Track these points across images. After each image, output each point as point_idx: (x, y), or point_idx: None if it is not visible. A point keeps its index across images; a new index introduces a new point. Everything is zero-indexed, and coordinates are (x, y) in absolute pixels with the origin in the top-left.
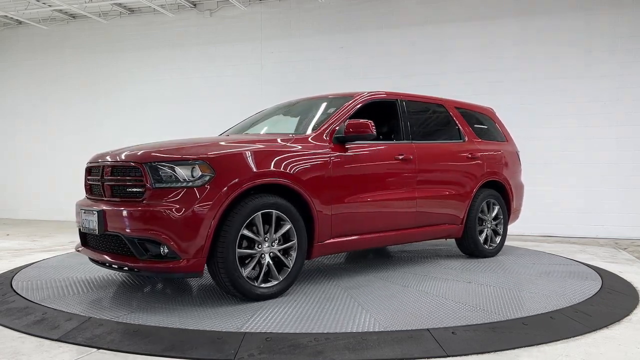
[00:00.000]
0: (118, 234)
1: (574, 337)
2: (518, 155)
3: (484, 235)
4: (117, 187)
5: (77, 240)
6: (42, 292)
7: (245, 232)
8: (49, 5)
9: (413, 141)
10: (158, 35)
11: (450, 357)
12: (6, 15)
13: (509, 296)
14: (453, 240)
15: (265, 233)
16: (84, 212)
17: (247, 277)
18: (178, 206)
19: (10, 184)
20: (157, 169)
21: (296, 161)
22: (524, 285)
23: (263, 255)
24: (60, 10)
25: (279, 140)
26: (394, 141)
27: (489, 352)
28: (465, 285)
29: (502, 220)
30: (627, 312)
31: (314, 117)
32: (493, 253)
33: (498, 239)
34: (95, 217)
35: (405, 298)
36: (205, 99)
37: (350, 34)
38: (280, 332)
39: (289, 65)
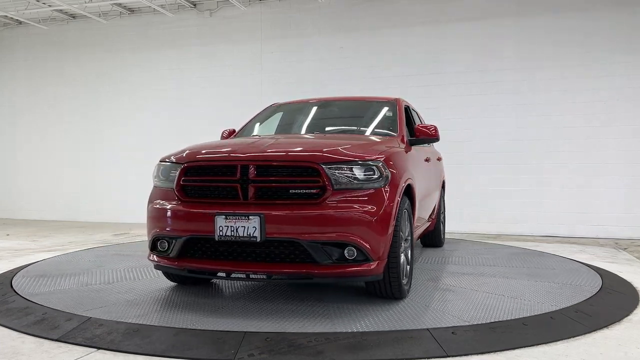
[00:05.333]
0: (294, 239)
1: (574, 337)
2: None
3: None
4: (276, 188)
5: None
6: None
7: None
8: (49, 5)
9: (424, 145)
10: (158, 35)
11: (450, 357)
12: (6, 15)
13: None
14: None
15: None
16: (226, 218)
17: None
18: (371, 207)
19: (10, 184)
20: (337, 169)
21: (411, 163)
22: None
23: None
24: (60, 10)
25: (393, 142)
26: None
27: (489, 352)
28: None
29: (444, 215)
30: (627, 312)
31: (373, 120)
32: (443, 243)
33: (444, 230)
34: (256, 223)
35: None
36: (205, 98)
37: (350, 34)
38: (280, 332)
39: (289, 65)
